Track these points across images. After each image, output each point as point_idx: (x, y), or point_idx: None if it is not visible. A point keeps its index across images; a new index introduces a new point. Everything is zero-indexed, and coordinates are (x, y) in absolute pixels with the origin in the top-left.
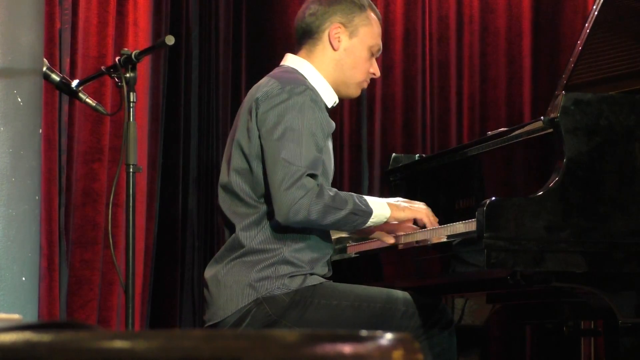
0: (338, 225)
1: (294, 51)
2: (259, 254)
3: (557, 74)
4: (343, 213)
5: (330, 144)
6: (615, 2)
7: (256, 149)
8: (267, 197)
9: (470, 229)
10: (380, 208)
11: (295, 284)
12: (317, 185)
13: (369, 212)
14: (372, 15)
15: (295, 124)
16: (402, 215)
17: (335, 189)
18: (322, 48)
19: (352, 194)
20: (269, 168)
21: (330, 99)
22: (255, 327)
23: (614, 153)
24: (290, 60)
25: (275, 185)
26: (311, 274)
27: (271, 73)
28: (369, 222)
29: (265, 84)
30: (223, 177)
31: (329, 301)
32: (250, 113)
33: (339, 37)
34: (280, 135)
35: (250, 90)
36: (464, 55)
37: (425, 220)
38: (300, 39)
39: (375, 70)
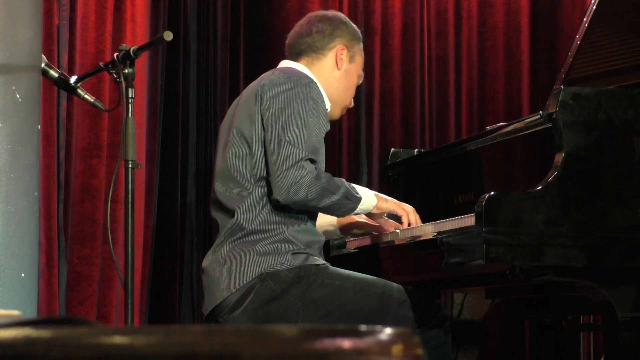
0: (331, 209)
1: (291, 59)
2: (259, 234)
3: (556, 68)
4: (337, 197)
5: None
6: None
7: (258, 132)
8: (266, 180)
9: (469, 224)
10: (368, 196)
11: (298, 261)
12: (316, 168)
13: (358, 198)
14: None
15: (300, 110)
16: (386, 205)
17: (330, 175)
18: (324, 64)
19: (343, 179)
20: (271, 149)
21: (326, 105)
22: (259, 302)
23: (612, 147)
24: (289, 64)
25: (277, 165)
26: (312, 255)
27: (276, 69)
28: (357, 209)
29: (268, 75)
30: (219, 164)
31: (332, 281)
32: (255, 98)
33: (342, 59)
34: (285, 119)
35: (252, 83)
36: (463, 50)
37: (405, 218)
38: (302, 51)
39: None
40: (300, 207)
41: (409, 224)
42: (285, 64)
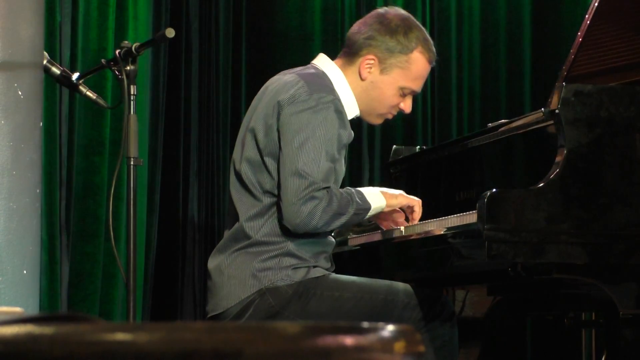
0: (342, 227)
1: (335, 54)
2: (263, 246)
3: (558, 65)
4: (347, 216)
5: (345, 152)
6: None
7: (271, 146)
8: (273, 191)
9: (470, 221)
10: (377, 200)
11: (298, 276)
12: (327, 194)
13: (367, 208)
14: (418, 58)
15: (317, 133)
16: (396, 202)
17: (339, 191)
18: (355, 70)
19: (351, 191)
20: (284, 174)
21: (352, 112)
22: (257, 318)
23: (614, 144)
24: (322, 62)
25: (288, 194)
26: (314, 267)
27: (299, 70)
28: (367, 216)
29: (292, 84)
30: (236, 163)
31: (332, 293)
32: (273, 111)
33: (369, 69)
34: (301, 143)
35: (272, 80)
36: (464, 47)
37: (417, 208)
38: (345, 47)
39: (406, 107)
40: (311, 233)
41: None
42: (319, 60)
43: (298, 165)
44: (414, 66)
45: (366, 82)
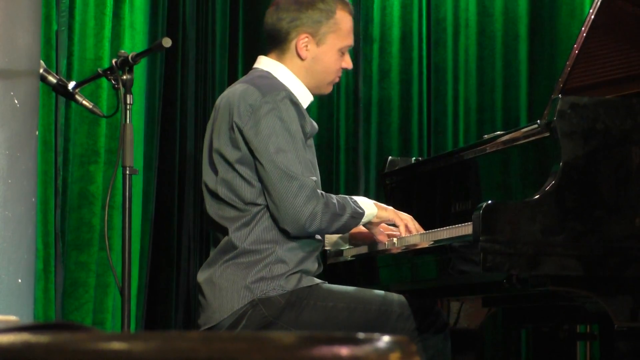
0: (340, 230)
1: (265, 52)
2: (252, 255)
3: (554, 77)
4: (345, 218)
5: (312, 143)
6: (611, 6)
7: (244, 156)
8: (255, 201)
9: (466, 233)
10: (370, 207)
11: (290, 284)
12: (323, 194)
13: (362, 213)
14: (342, 16)
15: (285, 132)
16: (385, 214)
17: (333, 195)
18: (291, 55)
19: (346, 197)
20: (271, 181)
21: (306, 99)
22: (251, 329)
23: (610, 157)
24: (264, 63)
25: (285, 199)
26: (306, 274)
27: (246, 78)
28: (361, 222)
29: (244, 93)
30: (209, 182)
31: (325, 303)
32: (231, 124)
33: (306, 47)
34: (276, 147)
35: (225, 94)
36: (460, 58)
37: (402, 227)
38: (270, 42)
39: (348, 64)
40: (312, 234)
41: (409, 232)
42: (261, 63)
43: (283, 169)
44: (343, 24)
45: (307, 61)
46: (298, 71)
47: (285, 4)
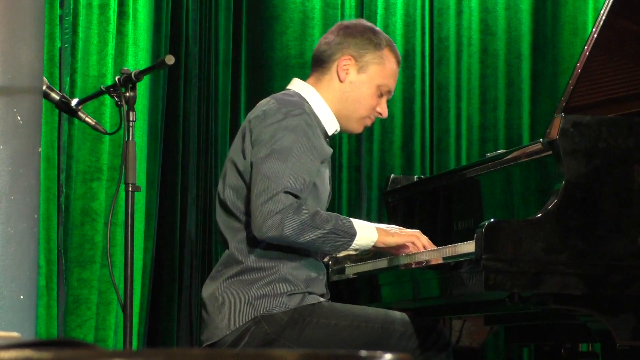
0: (317, 244)
1: (305, 77)
2: (256, 272)
3: (556, 96)
4: (321, 232)
5: (327, 172)
6: (614, 24)
7: (249, 165)
8: None
9: (468, 251)
10: (366, 231)
11: (293, 302)
12: (297, 202)
13: (351, 234)
14: (389, 55)
15: (285, 143)
16: (391, 240)
17: (319, 209)
18: (330, 78)
19: (339, 215)
20: (252, 183)
21: (332, 127)
22: (253, 345)
23: (612, 175)
24: (296, 85)
25: (252, 199)
26: (310, 293)
27: (274, 94)
28: (353, 244)
29: (264, 103)
30: (220, 193)
31: (328, 321)
32: (244, 132)
33: (347, 70)
34: (268, 152)
35: (250, 113)
36: (463, 77)
37: (418, 243)
38: (313, 65)
39: (383, 110)
40: (278, 243)
41: (422, 248)
42: (293, 84)
43: (262, 171)
44: (387, 62)
45: (344, 85)
46: (332, 96)
47: (337, 30)
